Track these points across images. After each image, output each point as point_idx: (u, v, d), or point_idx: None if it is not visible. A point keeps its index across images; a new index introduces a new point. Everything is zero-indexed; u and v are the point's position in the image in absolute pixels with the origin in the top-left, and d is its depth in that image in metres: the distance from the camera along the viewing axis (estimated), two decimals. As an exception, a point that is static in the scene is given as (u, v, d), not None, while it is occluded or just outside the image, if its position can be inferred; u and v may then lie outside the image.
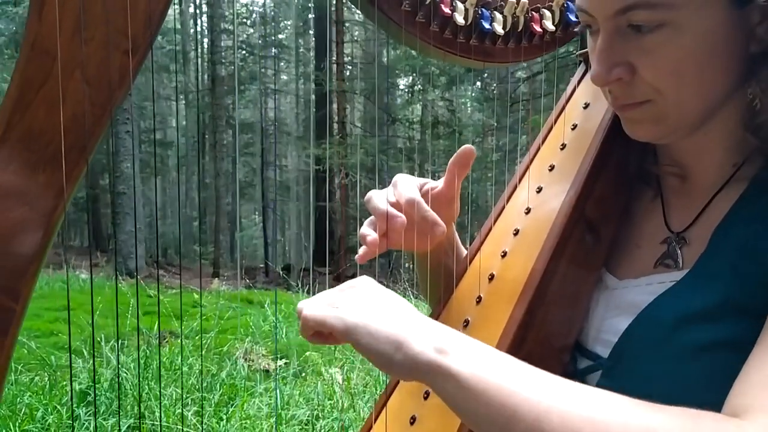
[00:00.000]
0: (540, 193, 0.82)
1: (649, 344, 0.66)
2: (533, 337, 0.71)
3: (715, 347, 0.61)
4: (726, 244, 0.64)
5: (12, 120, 0.58)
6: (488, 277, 0.79)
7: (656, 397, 0.62)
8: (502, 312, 0.73)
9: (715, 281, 0.63)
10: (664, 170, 0.73)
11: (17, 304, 0.58)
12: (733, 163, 0.67)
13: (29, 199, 0.58)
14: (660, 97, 0.64)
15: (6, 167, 0.58)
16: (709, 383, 0.59)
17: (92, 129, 0.60)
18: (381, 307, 0.56)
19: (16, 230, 0.58)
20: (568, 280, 0.74)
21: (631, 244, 0.76)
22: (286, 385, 3.20)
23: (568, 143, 0.83)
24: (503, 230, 0.83)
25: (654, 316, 0.66)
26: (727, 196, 0.67)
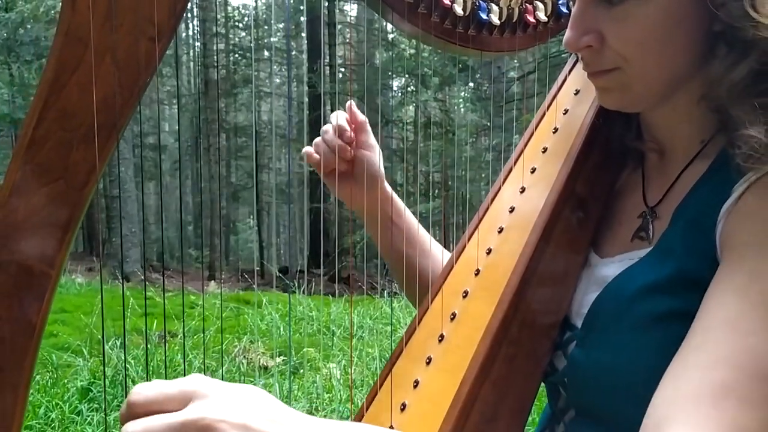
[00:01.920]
0: (534, 173, 0.87)
1: (612, 315, 0.70)
2: (524, 312, 0.76)
3: (668, 318, 0.64)
4: (683, 218, 0.68)
5: (48, 101, 0.63)
6: (486, 252, 0.85)
7: (620, 365, 0.66)
8: (498, 285, 0.78)
9: (670, 254, 0.67)
10: (646, 147, 0.78)
11: (53, 269, 0.63)
12: (701, 140, 0.71)
13: (64, 174, 0.63)
14: (627, 65, 0.68)
15: (43, 145, 0.63)
16: (663, 352, 0.62)
17: (122, 109, 0.65)
18: None
19: (52, 203, 0.63)
20: (558, 257, 0.79)
21: (615, 222, 0.80)
22: (285, 380, 3.24)
23: (560, 127, 0.89)
24: (500, 209, 0.88)
25: (616, 289, 0.71)
26: (694, 172, 0.71)
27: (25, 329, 0.62)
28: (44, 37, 10.28)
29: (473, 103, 11.87)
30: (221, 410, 0.46)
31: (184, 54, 18.15)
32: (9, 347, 0.62)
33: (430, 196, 11.68)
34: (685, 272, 0.65)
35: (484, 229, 0.88)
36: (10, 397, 0.63)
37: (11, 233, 0.62)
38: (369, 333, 4.48)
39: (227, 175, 16.17)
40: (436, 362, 0.79)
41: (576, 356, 0.73)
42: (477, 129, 11.67)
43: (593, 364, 0.70)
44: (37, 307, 0.63)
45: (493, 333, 0.73)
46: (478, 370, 0.72)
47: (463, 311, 0.81)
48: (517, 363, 0.74)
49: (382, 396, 0.83)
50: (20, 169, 0.62)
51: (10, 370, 0.63)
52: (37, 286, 0.62)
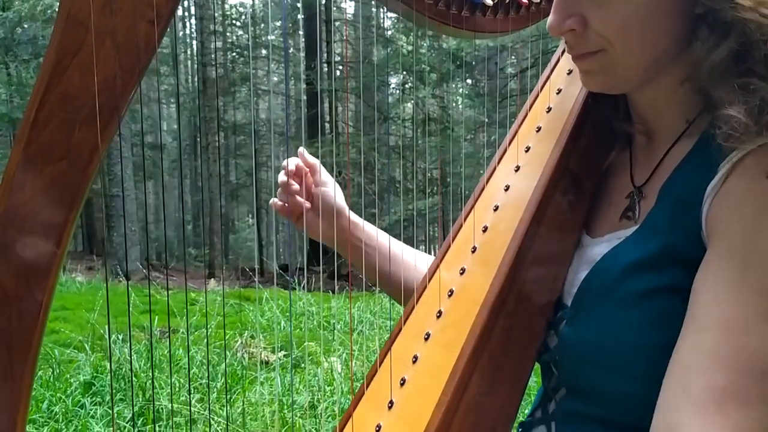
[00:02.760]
0: (528, 152, 0.89)
1: (599, 293, 0.71)
2: (520, 285, 0.78)
3: (653, 294, 0.66)
4: (670, 196, 0.69)
5: (50, 84, 0.64)
6: (482, 230, 0.86)
7: (606, 341, 0.68)
8: (494, 260, 0.80)
9: (656, 232, 0.68)
10: (633, 129, 0.80)
11: (58, 248, 0.65)
12: (686, 119, 0.72)
13: (67, 154, 0.65)
14: (610, 48, 0.70)
15: (46, 126, 0.64)
16: (649, 327, 0.65)
17: (122, 91, 0.66)
18: None
19: (56, 182, 0.64)
20: (553, 233, 0.81)
21: (604, 203, 0.82)
22: (286, 374, 3.26)
23: (554, 106, 0.90)
24: (495, 188, 0.90)
25: (603, 268, 0.72)
26: (680, 152, 0.72)
27: (31, 307, 0.64)
28: (42, 36, 10.27)
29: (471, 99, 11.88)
30: None
31: (181, 53, 18.14)
32: (16, 327, 0.64)
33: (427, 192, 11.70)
34: (669, 249, 0.66)
35: (480, 209, 0.89)
36: (18, 381, 0.64)
37: (17, 211, 0.63)
38: (369, 327, 4.50)
39: (226, 174, 16.18)
40: (435, 337, 0.81)
41: (565, 334, 0.74)
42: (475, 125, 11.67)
43: (581, 341, 0.71)
44: (42, 285, 0.64)
45: (490, 306, 0.74)
46: (475, 342, 0.74)
47: (460, 288, 0.83)
48: (513, 335, 0.76)
49: (381, 373, 0.84)
50: (24, 149, 0.64)
51: (16, 352, 0.64)
52: (42, 264, 0.64)
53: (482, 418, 0.74)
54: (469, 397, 0.73)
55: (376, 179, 11.52)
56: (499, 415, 0.75)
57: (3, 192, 0.64)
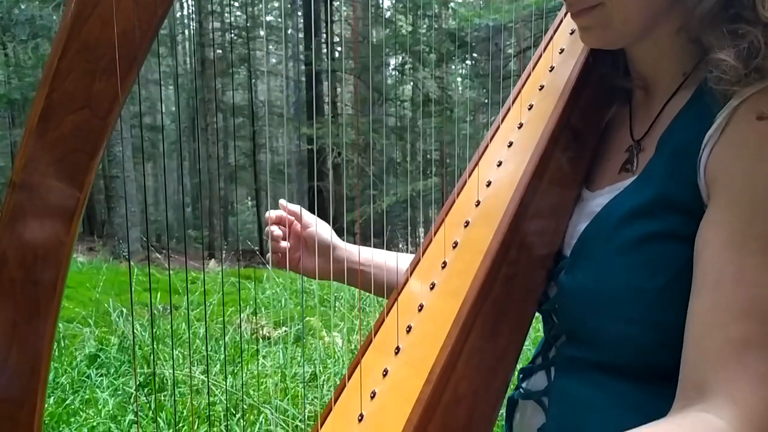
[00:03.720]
0: (531, 110, 0.91)
1: (598, 242, 0.73)
2: (523, 234, 0.81)
3: (650, 239, 0.68)
4: (667, 146, 0.71)
5: (71, 34, 0.67)
6: (486, 184, 0.89)
7: (604, 286, 0.70)
8: (497, 211, 0.82)
9: (653, 181, 0.70)
10: (633, 84, 0.82)
11: (81, 193, 0.67)
12: (683, 72, 0.74)
13: (89, 102, 0.67)
14: (608, 1, 0.72)
15: (68, 75, 0.67)
16: (646, 271, 0.67)
17: (140, 42, 0.68)
18: None
19: (78, 130, 0.67)
20: (555, 185, 0.84)
21: (604, 158, 0.84)
22: (287, 348, 3.31)
23: (556, 65, 0.93)
24: (498, 144, 0.92)
25: (603, 217, 0.75)
26: (677, 104, 0.74)
27: (56, 247, 0.67)
28: (39, 17, 10.22)
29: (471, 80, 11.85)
30: None
31: (179, 33, 18.03)
32: (41, 266, 0.66)
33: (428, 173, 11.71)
34: (666, 195, 0.68)
35: (483, 165, 0.92)
36: (44, 319, 0.67)
37: (40, 157, 0.66)
38: (370, 305, 4.54)
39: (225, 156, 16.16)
40: (440, 287, 0.84)
41: (564, 282, 0.77)
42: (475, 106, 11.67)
43: (579, 287, 0.74)
44: (67, 227, 0.67)
45: (494, 254, 0.77)
46: (479, 288, 0.76)
47: (464, 239, 0.86)
48: (516, 283, 0.79)
49: (389, 321, 0.88)
50: (47, 97, 0.66)
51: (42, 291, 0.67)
52: (66, 207, 0.66)
53: (485, 360, 0.77)
54: (473, 340, 0.76)
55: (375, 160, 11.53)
56: (501, 359, 0.78)
57: (27, 140, 0.66)
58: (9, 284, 0.65)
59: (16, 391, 0.67)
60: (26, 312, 0.66)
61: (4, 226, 0.65)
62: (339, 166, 12.01)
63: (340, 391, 0.85)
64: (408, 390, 0.75)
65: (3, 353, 0.65)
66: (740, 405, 0.58)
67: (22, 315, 0.66)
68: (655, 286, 0.67)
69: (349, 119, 13.17)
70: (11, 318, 0.65)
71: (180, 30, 17.77)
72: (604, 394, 0.73)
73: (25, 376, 0.67)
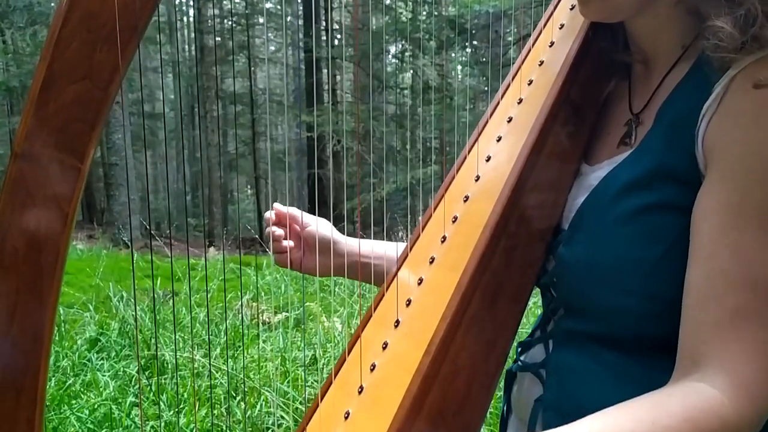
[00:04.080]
0: (531, 85, 0.91)
1: (597, 213, 0.74)
2: (522, 207, 0.81)
3: (647, 210, 0.68)
4: (665, 118, 0.71)
5: (73, 4, 0.66)
6: (485, 159, 0.89)
7: (601, 257, 0.70)
8: (497, 185, 0.83)
9: (650, 152, 0.71)
10: (633, 58, 0.82)
11: (82, 163, 0.68)
12: (682, 45, 0.74)
13: (89, 72, 0.67)
14: None
15: (69, 44, 0.67)
16: (643, 242, 0.67)
17: (140, 13, 0.68)
18: None
19: (80, 99, 0.67)
20: (554, 158, 0.84)
21: (603, 132, 0.84)
22: (287, 332, 3.32)
23: (556, 41, 0.93)
24: (498, 120, 0.93)
25: (602, 190, 0.75)
26: (676, 76, 0.74)
27: (57, 216, 0.67)
28: (38, 3, 10.17)
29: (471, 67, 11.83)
30: None
31: (177, 20, 17.95)
32: (43, 242, 0.67)
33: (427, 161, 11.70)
34: (663, 166, 0.68)
35: (483, 141, 0.92)
36: (45, 299, 0.68)
37: (43, 127, 0.66)
38: (369, 290, 4.55)
39: (224, 144, 16.13)
40: (439, 260, 0.85)
41: (562, 254, 0.77)
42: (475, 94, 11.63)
43: (577, 259, 0.74)
44: (68, 197, 0.67)
45: (493, 226, 0.78)
46: (478, 260, 0.77)
47: (464, 213, 0.86)
48: (515, 255, 0.79)
49: (389, 295, 0.88)
50: (48, 67, 0.66)
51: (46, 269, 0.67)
52: (68, 176, 0.67)
53: (484, 331, 0.77)
54: (472, 312, 0.77)
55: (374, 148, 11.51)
56: (500, 331, 0.79)
57: (28, 109, 0.67)
58: (12, 253, 0.66)
59: (20, 364, 0.67)
60: (30, 280, 0.66)
61: (7, 196, 0.66)
62: (338, 153, 12.00)
63: (340, 365, 0.86)
64: (407, 362, 0.76)
65: (6, 321, 0.66)
66: (734, 374, 0.59)
67: (26, 283, 0.66)
68: (653, 256, 0.67)
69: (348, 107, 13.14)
70: (15, 286, 0.66)
71: (179, 17, 17.69)
72: (602, 366, 0.74)
73: (28, 345, 0.68)
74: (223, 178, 16.67)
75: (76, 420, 2.26)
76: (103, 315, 3.61)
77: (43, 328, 0.68)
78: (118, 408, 2.32)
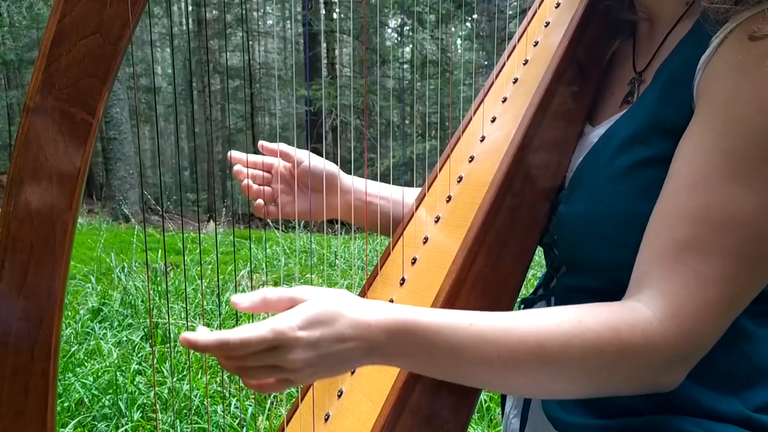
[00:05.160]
0: (536, 46, 0.92)
1: (595, 170, 0.75)
2: (527, 167, 0.82)
3: (643, 164, 0.69)
4: (664, 74, 0.72)
5: (82, -42, 0.67)
6: (490, 120, 0.90)
7: (598, 212, 0.72)
8: (502, 144, 0.83)
9: (646, 107, 0.71)
10: (638, 17, 0.82)
11: (93, 118, 0.68)
12: (686, 2, 0.74)
13: (100, 27, 0.68)
14: None
15: (79, 0, 0.67)
16: (640, 196, 0.68)
17: (150, -32, 0.69)
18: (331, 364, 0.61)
19: (90, 54, 0.68)
20: (559, 118, 0.84)
21: (608, 93, 0.85)
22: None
23: (562, 2, 0.93)
24: (503, 82, 0.93)
25: (600, 147, 0.76)
26: (679, 34, 0.74)
27: (70, 172, 0.68)
28: (33, -26, 10.03)
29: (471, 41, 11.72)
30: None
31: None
32: (56, 188, 0.68)
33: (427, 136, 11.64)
34: (660, 121, 0.69)
35: (488, 102, 0.93)
36: (58, 267, 0.69)
37: (55, 81, 0.66)
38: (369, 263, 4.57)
39: (222, 119, 16.04)
40: (445, 218, 0.86)
41: (561, 212, 0.78)
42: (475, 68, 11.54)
43: (575, 215, 0.75)
44: (81, 151, 0.68)
45: (498, 184, 0.79)
46: (483, 218, 0.78)
47: (469, 173, 0.87)
48: (519, 214, 0.80)
49: (394, 254, 0.90)
50: (59, 22, 0.67)
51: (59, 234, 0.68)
52: (79, 130, 0.67)
53: (488, 288, 0.79)
54: (477, 268, 0.78)
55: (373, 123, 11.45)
56: (504, 287, 0.80)
57: (39, 64, 0.67)
58: (25, 207, 0.67)
59: (35, 318, 0.69)
60: (43, 234, 0.67)
61: (19, 150, 0.67)
62: (337, 128, 11.94)
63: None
64: None
65: (20, 274, 0.67)
66: (669, 300, 0.62)
67: (39, 237, 0.67)
68: (649, 210, 0.68)
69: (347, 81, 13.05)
70: (28, 240, 0.67)
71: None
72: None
73: (43, 301, 0.69)
74: (221, 153, 16.61)
75: (81, 386, 2.29)
76: (105, 286, 3.63)
77: (57, 281, 0.69)
78: (122, 375, 2.35)
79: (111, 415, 2.10)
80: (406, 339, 0.62)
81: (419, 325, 0.62)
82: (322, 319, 0.60)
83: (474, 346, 0.62)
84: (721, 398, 0.67)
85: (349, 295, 0.64)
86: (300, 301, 0.63)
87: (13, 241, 0.67)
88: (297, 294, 0.64)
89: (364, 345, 0.61)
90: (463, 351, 0.62)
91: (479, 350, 0.62)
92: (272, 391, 0.64)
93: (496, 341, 0.62)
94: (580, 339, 0.62)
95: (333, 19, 12.73)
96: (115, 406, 2.14)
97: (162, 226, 8.24)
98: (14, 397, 0.67)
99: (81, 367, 2.51)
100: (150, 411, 2.13)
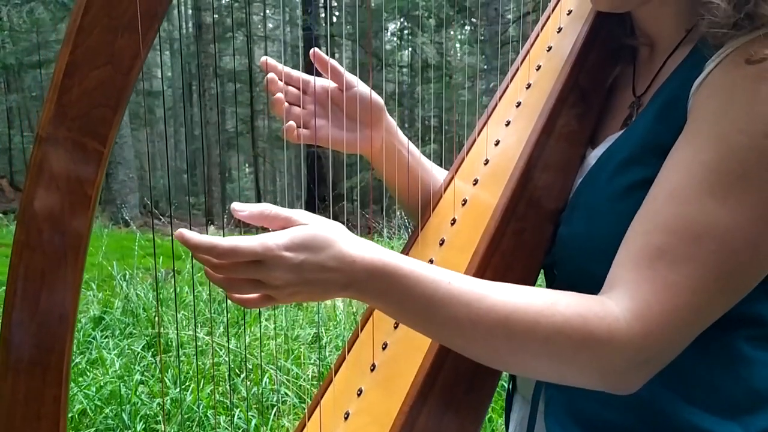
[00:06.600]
0: (539, 70, 0.93)
1: (593, 191, 0.76)
2: (531, 190, 0.83)
3: (642, 185, 0.69)
4: (660, 97, 0.73)
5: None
6: (494, 143, 0.91)
7: (596, 233, 0.73)
8: (506, 169, 0.85)
9: (642, 128, 0.73)
10: (638, 43, 0.83)
11: (104, 147, 0.69)
12: (685, 29, 0.75)
13: (111, 59, 0.69)
14: None
15: (91, 31, 0.68)
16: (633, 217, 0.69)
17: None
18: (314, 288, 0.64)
19: (102, 85, 0.69)
20: (562, 142, 0.86)
21: (608, 116, 0.86)
22: (290, 310, 3.36)
23: (564, 27, 0.94)
24: (507, 104, 0.94)
25: (597, 168, 0.77)
26: (678, 59, 0.75)
27: (81, 201, 0.69)
28: (33, -21, 10.06)
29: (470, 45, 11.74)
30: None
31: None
32: (68, 215, 0.69)
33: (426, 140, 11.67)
34: (655, 141, 0.70)
35: (492, 124, 0.94)
36: (71, 266, 0.70)
37: (66, 112, 0.67)
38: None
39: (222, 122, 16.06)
40: (450, 242, 0.87)
41: (561, 233, 0.80)
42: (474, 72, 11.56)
43: (575, 236, 0.77)
44: (91, 180, 0.69)
45: (503, 208, 0.80)
46: (488, 242, 0.79)
47: (473, 196, 0.88)
48: (524, 237, 0.82)
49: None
50: (71, 54, 0.68)
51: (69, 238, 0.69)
52: (91, 160, 0.69)
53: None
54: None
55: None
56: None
57: (51, 95, 0.68)
58: (37, 236, 0.68)
59: (47, 343, 0.70)
60: (55, 261, 0.68)
61: (32, 179, 0.68)
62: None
63: (352, 343, 0.88)
64: (420, 340, 0.78)
65: (32, 301, 0.68)
66: (637, 303, 0.63)
67: (51, 264, 0.68)
68: None
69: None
70: (40, 267, 0.68)
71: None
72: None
73: (54, 325, 0.70)
74: (221, 156, 16.62)
75: (83, 397, 2.30)
76: (106, 293, 3.63)
77: (68, 308, 0.70)
78: (125, 385, 2.36)
79: (114, 426, 2.11)
80: (384, 282, 0.65)
81: (400, 271, 0.65)
82: (309, 245, 0.63)
83: (447, 304, 0.65)
84: (720, 423, 0.68)
85: (344, 229, 0.67)
86: (296, 223, 0.65)
87: (25, 269, 0.68)
88: (294, 216, 0.66)
89: (343, 278, 0.64)
90: (435, 306, 0.65)
91: (452, 309, 0.65)
92: (254, 306, 0.67)
93: (469, 304, 0.64)
94: (548, 320, 0.64)
95: (333, 24, 12.76)
96: (119, 417, 2.14)
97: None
98: (27, 423, 0.68)
99: (83, 376, 2.52)
100: (153, 422, 2.14)
